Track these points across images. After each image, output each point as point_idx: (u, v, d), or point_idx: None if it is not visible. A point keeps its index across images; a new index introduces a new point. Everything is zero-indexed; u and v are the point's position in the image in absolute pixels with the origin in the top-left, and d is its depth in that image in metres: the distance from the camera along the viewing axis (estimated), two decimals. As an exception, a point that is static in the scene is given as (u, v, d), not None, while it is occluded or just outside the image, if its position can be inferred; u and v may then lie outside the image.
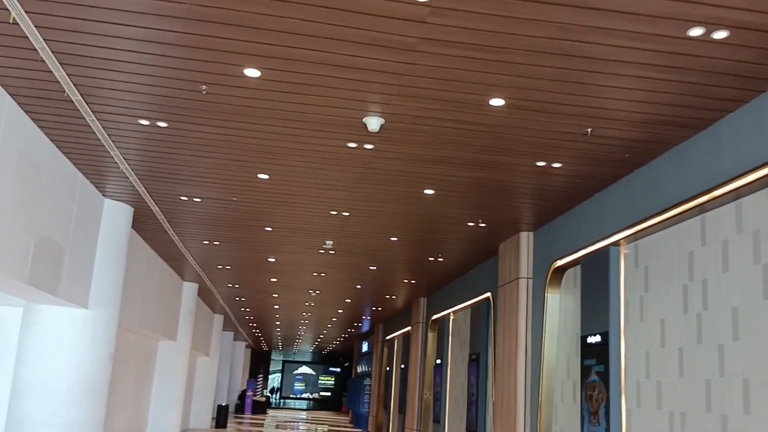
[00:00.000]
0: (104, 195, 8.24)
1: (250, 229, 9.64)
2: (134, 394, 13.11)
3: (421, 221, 8.73)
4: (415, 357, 16.00)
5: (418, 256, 11.04)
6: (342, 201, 8.00)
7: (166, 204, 8.51)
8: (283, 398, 45.65)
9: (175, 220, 9.34)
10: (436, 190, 7.33)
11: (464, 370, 12.26)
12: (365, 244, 10.28)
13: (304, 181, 7.26)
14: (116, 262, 8.50)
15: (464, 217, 8.41)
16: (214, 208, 8.59)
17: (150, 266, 11.59)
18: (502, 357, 9.40)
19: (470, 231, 9.08)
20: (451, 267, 11.74)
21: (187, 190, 7.85)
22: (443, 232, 9.29)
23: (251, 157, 6.59)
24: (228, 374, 31.18)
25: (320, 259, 11.74)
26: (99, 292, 8.19)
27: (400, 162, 6.51)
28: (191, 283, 15.54)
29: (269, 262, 12.22)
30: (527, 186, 7.04)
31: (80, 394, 7.90)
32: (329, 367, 45.75)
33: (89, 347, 8.03)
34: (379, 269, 12.45)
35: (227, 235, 10.16)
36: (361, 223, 9.02)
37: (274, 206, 8.35)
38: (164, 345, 14.98)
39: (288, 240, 10.23)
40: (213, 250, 11.40)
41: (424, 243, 10.02)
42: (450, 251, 10.48)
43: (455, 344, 13.24)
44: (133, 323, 10.59)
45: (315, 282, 14.50)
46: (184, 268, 13.48)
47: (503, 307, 9.53)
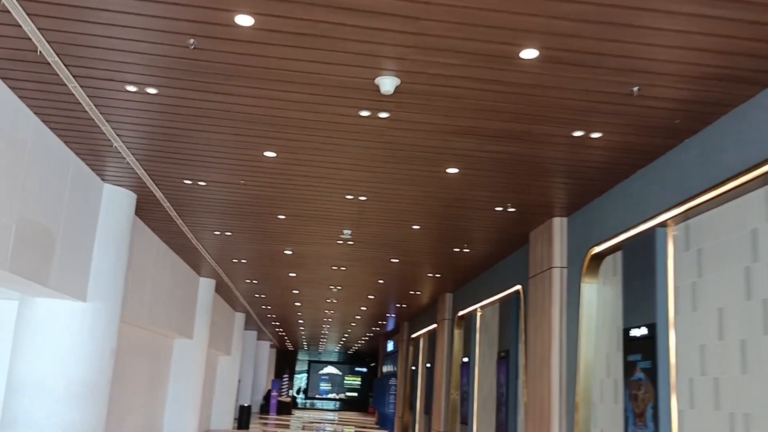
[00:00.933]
0: (103, 179, 7.69)
1: (263, 217, 9.04)
2: (147, 394, 12.61)
3: (444, 206, 8.03)
4: (441, 355, 15.30)
5: (442, 247, 10.34)
6: (358, 183, 7.34)
7: (169, 189, 7.93)
8: (308, 398, 45.19)
9: (181, 208, 8.77)
10: (461, 168, 6.64)
11: (493, 369, 11.53)
12: (385, 233, 9.61)
13: (314, 159, 6.61)
14: (118, 252, 7.95)
15: (492, 201, 7.70)
16: (221, 193, 8.00)
17: (161, 260, 11.06)
18: (533, 354, 8.66)
19: (498, 217, 8.37)
20: (477, 259, 11.02)
21: (190, 172, 7.26)
22: (469, 219, 8.58)
23: (254, 131, 5.96)
24: (252, 374, 30.80)
25: (339, 251, 11.11)
26: (98, 285, 7.64)
27: (420, 134, 5.83)
28: (208, 279, 15.02)
29: (286, 254, 11.62)
30: (562, 162, 6.32)
31: (79, 393, 7.35)
32: (355, 367, 45.18)
33: (88, 343, 7.48)
34: (401, 262, 11.78)
35: (239, 225, 9.57)
36: (379, 209, 8.36)
37: (284, 189, 7.72)
38: (180, 343, 14.47)
39: (303, 229, 9.60)
40: (226, 242, 10.83)
41: (448, 231, 9.33)
42: (476, 240, 9.76)
43: (483, 341, 12.51)
44: (140, 319, 10.05)
45: (335, 277, 13.88)
46: (198, 262, 12.95)
47: (535, 300, 8.79)
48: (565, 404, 7.79)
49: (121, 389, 10.73)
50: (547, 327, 8.21)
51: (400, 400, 22.30)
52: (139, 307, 9.90)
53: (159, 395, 13.57)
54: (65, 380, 7.26)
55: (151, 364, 12.71)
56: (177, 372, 14.40)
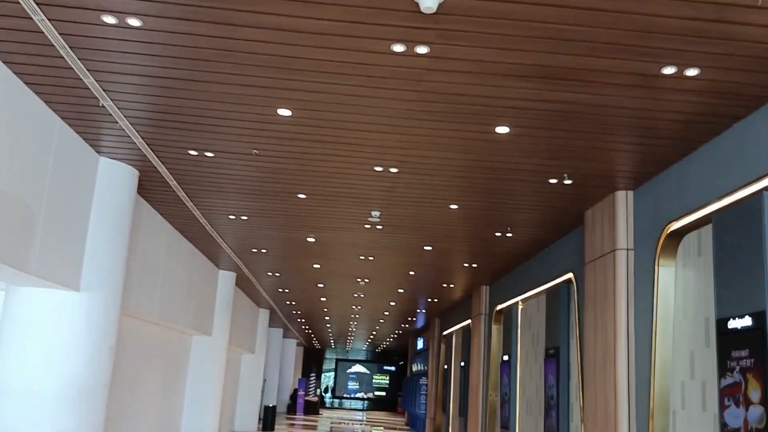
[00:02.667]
0: (98, 152, 6.72)
1: (281, 196, 8.00)
2: (162, 395, 11.68)
3: (489, 178, 6.92)
4: (477, 353, 14.15)
5: (482, 232, 9.21)
6: (388, 150, 6.26)
7: (174, 163, 6.93)
8: (336, 398, 44.27)
9: (190, 187, 7.77)
10: (513, 126, 5.52)
11: (539, 368, 10.38)
12: (419, 215, 8.51)
13: (336, 118, 5.55)
14: (117, 235, 6.97)
15: (546, 170, 6.57)
16: (232, 167, 6.97)
17: (173, 249, 10.11)
18: (592, 351, 7.50)
19: (551, 192, 7.22)
20: (521, 245, 9.87)
21: (194, 140, 6.24)
22: (516, 195, 7.45)
23: (264, 80, 4.91)
24: (278, 373, 29.93)
25: (367, 238, 10.04)
26: (94, 272, 6.66)
27: (466, 78, 4.73)
28: (227, 272, 14.05)
29: (308, 243, 10.59)
30: (640, 115, 5.16)
31: (72, 396, 6.38)
32: (383, 366, 44.15)
33: (82, 339, 6.51)
34: (435, 251, 10.68)
35: (255, 207, 8.55)
36: (413, 184, 7.27)
37: (304, 161, 6.67)
38: (198, 340, 13.54)
39: (326, 211, 8.55)
40: (243, 228, 9.82)
41: (490, 212, 8.20)
42: (522, 223, 8.62)
43: (526, 338, 11.35)
44: (150, 313, 9.09)
45: (363, 268, 12.81)
46: (216, 253, 11.99)
47: (592, 289, 7.63)
48: (634, 410, 6.63)
49: (131, 391, 9.80)
50: (611, 320, 7.05)
51: (431, 400, 21.19)
52: (148, 300, 8.94)
53: (176, 396, 12.64)
54: (56, 382, 6.30)
55: (167, 363, 11.78)
56: (195, 371, 13.45)
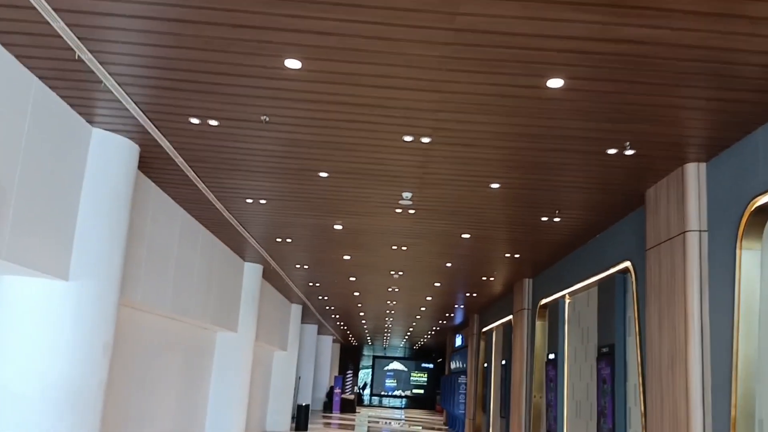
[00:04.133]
0: (90, 122, 5.95)
1: (300, 176, 7.15)
2: (184, 394, 10.97)
3: (536, 149, 5.95)
4: (519, 351, 13.14)
5: (526, 215, 8.22)
6: (419, 113, 5.34)
7: (175, 134, 6.13)
8: (374, 395, 43.51)
9: (198, 164, 6.96)
10: (567, 77, 4.56)
11: (590, 368, 9.34)
12: (455, 196, 7.57)
13: (353, 69, 4.66)
14: (113, 218, 6.19)
15: (604, 137, 5.57)
16: (240, 138, 6.14)
17: (189, 237, 9.36)
18: (657, 349, 6.48)
19: (608, 165, 6.22)
20: (570, 231, 8.85)
21: (193, 103, 5.42)
22: (568, 170, 6.46)
23: (260, 7, 4.05)
24: (312, 371, 29.25)
25: (398, 224, 9.13)
26: (85, 258, 5.89)
27: (511, 7, 3.79)
28: (253, 264, 13.29)
29: (336, 230, 9.73)
30: (721, 58, 4.16)
31: (59, 400, 5.62)
32: (421, 363, 43.22)
33: (71, 335, 5.75)
34: (473, 239, 9.72)
35: (272, 188, 7.72)
36: (448, 158, 6.33)
37: (321, 129, 5.79)
38: (223, 337, 12.81)
39: (352, 192, 7.67)
40: (263, 214, 9.01)
41: (537, 191, 7.22)
42: (573, 204, 7.61)
43: (574, 334, 10.32)
44: (160, 306, 8.34)
45: (396, 259, 11.92)
46: (238, 243, 11.22)
47: (656, 279, 6.60)
48: (710, 418, 5.60)
49: (147, 390, 9.09)
50: (680, 313, 6.02)
51: (470, 400, 20.20)
52: (157, 293, 8.19)
53: (199, 395, 11.94)
54: (40, 384, 5.55)
55: (189, 360, 11.06)
56: (220, 369, 12.73)
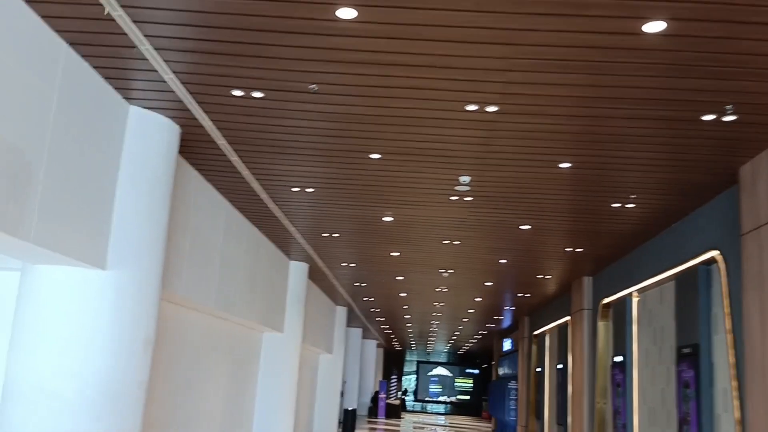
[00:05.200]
0: (128, 99, 5.50)
1: (350, 158, 6.60)
2: (230, 396, 10.52)
3: (619, 117, 5.27)
4: (579, 354, 12.36)
5: (596, 201, 7.52)
6: (487, 74, 4.73)
7: (218, 110, 5.63)
8: (418, 401, 42.77)
9: (241, 147, 6.45)
10: (670, 17, 3.89)
11: (665, 371, 8.56)
12: (518, 179, 6.92)
13: (413, 17, 4.08)
14: (155, 203, 5.73)
15: (703, 99, 4.87)
16: (286, 113, 5.60)
17: (235, 231, 8.91)
18: (759, 348, 5.72)
19: (700, 135, 5.50)
20: (642, 219, 8.11)
21: (235, 71, 4.91)
22: (650, 144, 5.76)
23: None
24: (358, 375, 28.77)
25: (452, 215, 8.51)
26: (124, 246, 5.43)
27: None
28: (299, 263, 12.82)
29: (385, 223, 9.17)
30: None
31: (97, 400, 5.16)
32: (466, 368, 42.32)
33: (110, 329, 5.28)
34: (533, 230, 9.04)
35: (320, 174, 7.18)
36: (515, 131, 5.68)
37: (374, 98, 5.21)
38: (269, 337, 12.35)
39: (405, 176, 7.08)
40: (309, 204, 8.49)
41: (611, 173, 6.53)
42: (650, 187, 6.88)
43: (645, 335, 9.53)
44: (203, 302, 7.88)
45: (446, 256, 11.29)
46: (284, 239, 10.75)
47: (755, 267, 5.84)
48: (830, 427, 4.85)
49: (192, 392, 8.65)
50: (787, 305, 5.28)
51: (522, 406, 19.39)
52: (201, 288, 7.74)
53: (245, 397, 11.48)
54: (77, 382, 5.09)
55: (234, 361, 10.62)
56: (267, 370, 12.26)
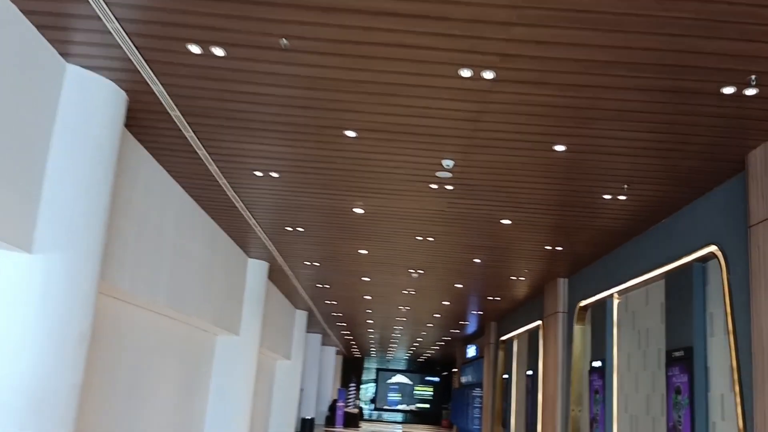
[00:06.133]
0: (66, 56, 4.70)
1: (322, 136, 5.89)
2: (179, 402, 9.66)
3: (628, 88, 4.70)
4: (552, 360, 11.83)
5: (588, 192, 6.94)
6: (487, 27, 4.10)
7: (171, 72, 4.87)
8: (377, 410, 41.98)
9: (197, 119, 5.69)
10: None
11: (651, 376, 8.04)
12: (506, 164, 6.30)
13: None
14: (93, 178, 4.94)
15: (727, 68, 4.33)
16: (252, 77, 4.88)
17: (188, 221, 8.10)
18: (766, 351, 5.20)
19: (713, 113, 4.97)
20: (632, 214, 7.59)
21: (193, 19, 4.18)
22: (655, 123, 5.20)
23: None
24: (316, 382, 27.89)
25: (430, 206, 7.86)
26: (55, 226, 4.63)
27: None
28: (259, 261, 12.01)
29: (355, 216, 8.47)
30: None
31: (19, 405, 4.35)
32: (426, 376, 41.73)
33: (36, 321, 4.48)
34: (514, 225, 8.45)
35: (288, 155, 6.45)
36: (511, 104, 5.06)
37: (351, 59, 4.54)
38: (224, 340, 11.51)
39: (382, 159, 6.40)
40: (273, 192, 7.74)
41: (608, 157, 5.96)
42: (648, 175, 6.34)
43: (628, 338, 9.03)
44: (152, 298, 7.06)
45: (419, 254, 10.64)
46: (244, 234, 9.95)
47: (764, 263, 5.33)
48: None
49: (132, 399, 7.79)
50: (808, 301, 4.76)
51: (486, 414, 18.84)
52: (150, 282, 6.93)
53: (196, 404, 10.62)
54: (-7, 383, 4.29)
55: (184, 365, 9.76)
56: (221, 376, 11.40)
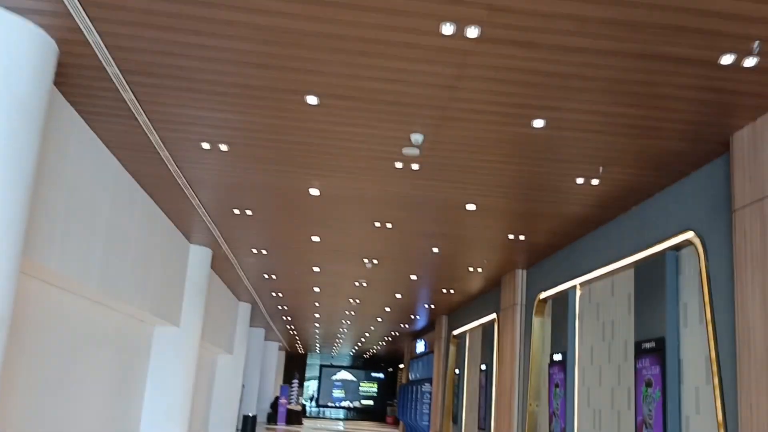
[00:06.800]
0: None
1: (279, 101, 5.28)
2: (112, 399, 8.87)
3: (626, 49, 4.26)
4: (509, 353, 11.48)
5: (560, 174, 6.52)
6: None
7: (110, 18, 4.17)
8: (320, 406, 41.30)
9: (137, 78, 5.00)
10: None
11: (616, 369, 7.71)
12: (479, 139, 5.81)
13: None
14: (13, 140, 4.22)
15: (729, 32, 3.93)
16: (202, 27, 4.24)
17: (124, 199, 7.36)
18: (758, 338, 4.86)
19: (705, 87, 4.58)
20: (601, 200, 7.23)
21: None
22: (642, 95, 4.80)
23: None
24: (258, 379, 27.05)
25: (392, 187, 7.32)
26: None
27: None
28: (202, 248, 11.26)
29: (311, 198, 7.87)
30: None
31: None
32: (371, 373, 41.29)
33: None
34: (478, 211, 8.00)
35: (239, 124, 5.80)
36: (494, 69, 4.56)
37: (319, 7, 3.97)
38: (162, 331, 10.72)
39: (346, 132, 5.82)
40: (221, 169, 7.06)
41: (587, 135, 5.54)
42: (625, 156, 5.94)
43: (591, 330, 8.70)
44: (83, 281, 6.31)
45: (375, 242, 10.10)
46: (186, 217, 9.21)
47: (754, 245, 4.99)
48: None
49: (60, 395, 7.02)
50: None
51: (436, 410, 18.48)
52: (79, 263, 6.18)
53: (131, 400, 9.83)
54: None
55: (118, 358, 8.97)
56: (158, 370, 10.61)
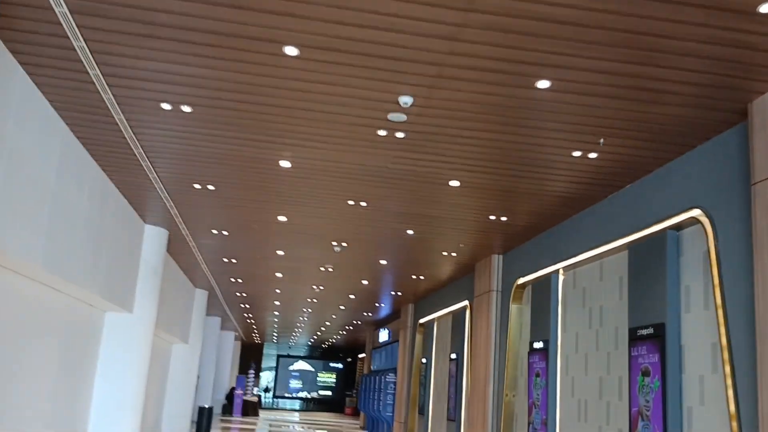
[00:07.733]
0: None
1: (255, 49, 4.60)
2: (59, 390, 8.06)
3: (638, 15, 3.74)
4: (483, 342, 11.00)
5: (556, 146, 6.00)
6: None
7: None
8: (276, 397, 40.52)
9: (89, 17, 4.26)
10: None
11: (605, 357, 7.27)
12: (475, 102, 5.23)
13: None
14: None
15: None
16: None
17: (73, 169, 6.56)
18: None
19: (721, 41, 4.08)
20: (594, 177, 6.74)
21: None
22: (655, 60, 4.28)
23: None
24: (213, 369, 26.16)
25: (372, 161, 6.70)
26: None
27: None
28: (157, 228, 10.47)
29: (281, 170, 7.19)
30: None
31: None
32: (330, 363, 40.68)
33: None
34: (461, 189, 7.45)
35: (207, 80, 5.09)
36: (501, 15, 3.99)
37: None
38: (114, 318, 9.90)
39: (326, 91, 5.17)
40: (183, 134, 6.31)
41: (592, 99, 5.01)
42: (628, 126, 5.43)
43: (576, 317, 8.26)
44: (23, 257, 5.52)
45: (346, 222, 9.46)
46: (141, 191, 8.42)
47: None
48: None
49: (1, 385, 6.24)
50: None
51: (401, 401, 17.98)
52: (20, 238, 5.39)
53: (80, 391, 9.01)
54: None
55: (66, 345, 8.15)
56: (109, 359, 9.79)
